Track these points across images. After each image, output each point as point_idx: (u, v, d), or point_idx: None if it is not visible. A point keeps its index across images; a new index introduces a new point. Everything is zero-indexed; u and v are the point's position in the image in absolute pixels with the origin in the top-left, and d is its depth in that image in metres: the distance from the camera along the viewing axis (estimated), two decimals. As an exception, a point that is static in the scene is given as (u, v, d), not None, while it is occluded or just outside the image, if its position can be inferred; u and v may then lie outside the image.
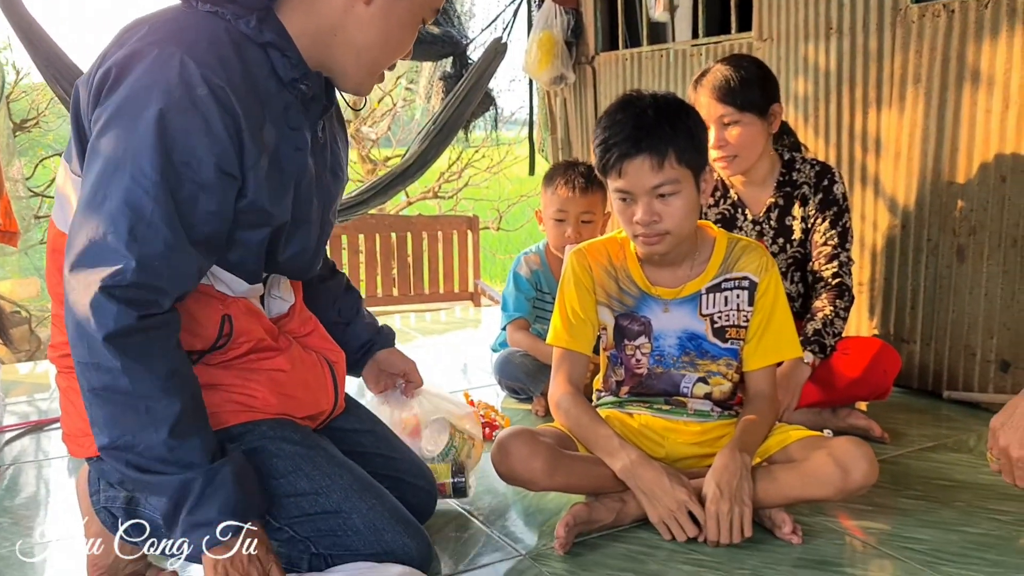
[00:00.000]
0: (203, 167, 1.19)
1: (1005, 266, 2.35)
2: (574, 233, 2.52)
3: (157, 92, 1.16)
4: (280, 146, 1.29)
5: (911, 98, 2.53)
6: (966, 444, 2.15)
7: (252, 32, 1.26)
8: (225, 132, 1.20)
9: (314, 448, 1.40)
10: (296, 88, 1.30)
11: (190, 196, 1.20)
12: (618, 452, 1.65)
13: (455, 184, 8.89)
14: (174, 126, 1.17)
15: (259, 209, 1.29)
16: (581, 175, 2.54)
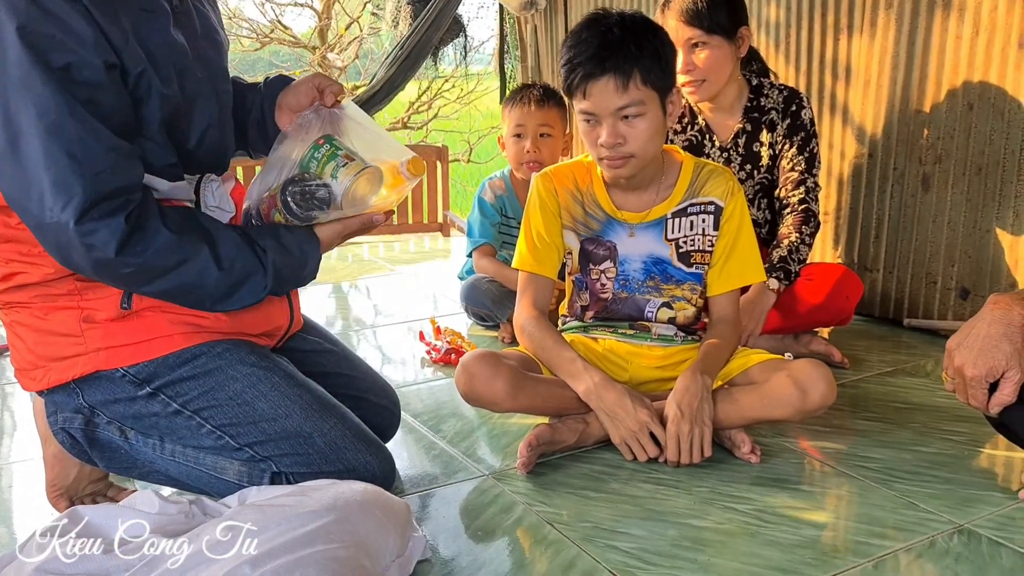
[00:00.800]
0: (84, 65, 1.17)
1: (968, 194, 2.37)
2: (532, 146, 2.52)
3: (3, 14, 1.13)
4: (141, 29, 1.25)
5: (882, 24, 2.50)
6: (923, 369, 2.19)
7: None
8: (87, 25, 1.16)
9: (272, 369, 1.39)
10: None
11: (89, 96, 1.18)
12: (581, 374, 1.66)
13: (424, 115, 8.75)
14: (38, 36, 1.14)
15: (145, 90, 1.26)
16: (537, 91, 2.56)
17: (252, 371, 1.36)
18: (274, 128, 1.50)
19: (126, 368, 1.31)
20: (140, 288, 1.28)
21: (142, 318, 1.32)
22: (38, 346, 1.33)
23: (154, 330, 1.32)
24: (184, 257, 1.25)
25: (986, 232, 2.34)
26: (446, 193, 5.37)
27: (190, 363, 1.34)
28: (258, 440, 1.34)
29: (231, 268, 1.29)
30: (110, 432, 1.36)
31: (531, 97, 2.54)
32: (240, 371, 1.35)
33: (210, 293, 1.30)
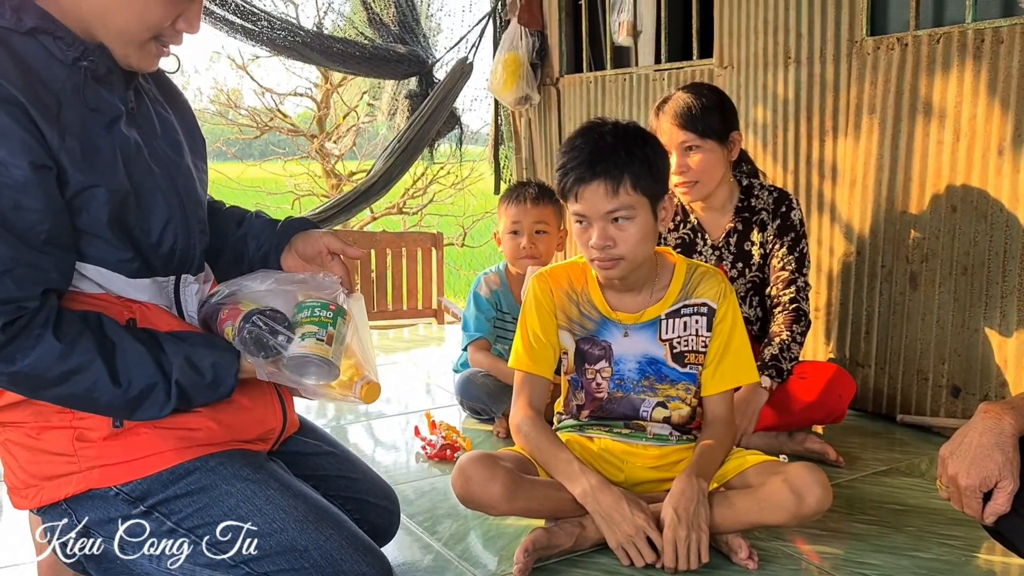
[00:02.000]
0: (10, 168, 1.15)
1: (956, 293, 2.41)
2: (528, 243, 2.56)
3: None
4: (86, 125, 1.24)
5: (866, 128, 2.59)
6: (918, 468, 2.19)
7: (11, 23, 1.21)
8: (16, 124, 1.15)
9: (267, 482, 1.36)
10: (80, 67, 1.25)
11: (12, 202, 1.15)
12: (578, 476, 1.66)
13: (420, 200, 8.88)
14: None
15: (87, 188, 1.24)
16: (532, 189, 2.62)
17: (246, 486, 1.34)
18: (276, 266, 1.50)
19: (119, 486, 1.30)
20: (31, 395, 1.25)
21: (135, 435, 1.31)
22: (31, 465, 1.31)
23: (147, 447, 1.31)
24: (71, 368, 1.21)
25: (974, 331, 2.38)
26: (440, 280, 5.42)
27: (184, 479, 1.32)
28: (254, 556, 1.31)
29: (128, 384, 1.24)
30: (108, 544, 1.35)
31: (527, 195, 2.59)
32: (235, 486, 1.33)
33: (105, 406, 1.26)
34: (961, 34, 2.33)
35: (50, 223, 1.20)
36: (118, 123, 1.29)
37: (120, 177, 1.27)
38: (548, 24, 4.02)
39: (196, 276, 1.43)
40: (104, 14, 1.25)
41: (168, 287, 1.39)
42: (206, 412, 1.36)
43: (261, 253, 1.51)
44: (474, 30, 4.35)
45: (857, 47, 2.60)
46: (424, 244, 5.43)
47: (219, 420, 1.37)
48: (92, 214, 1.25)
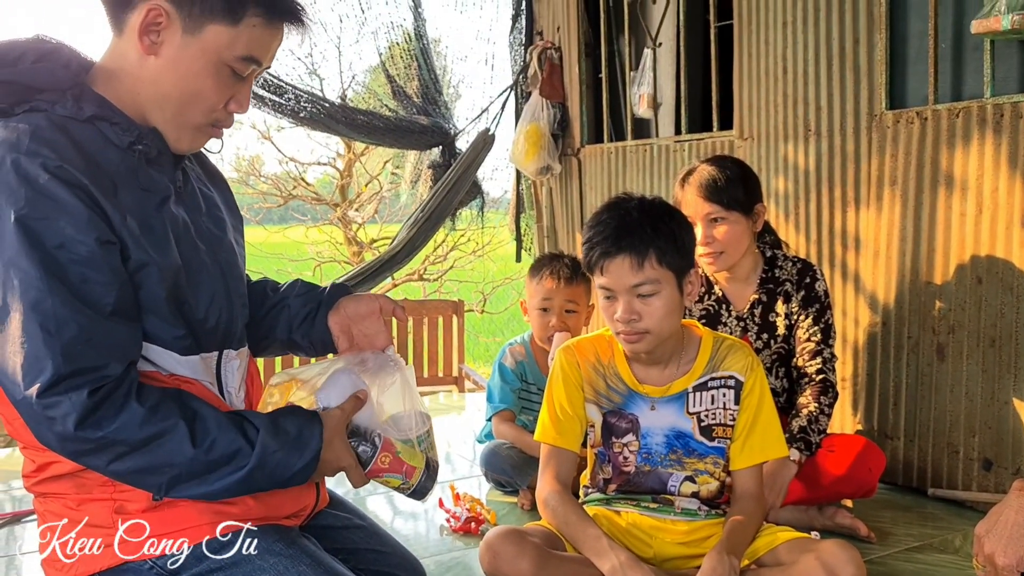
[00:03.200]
0: (77, 244, 1.18)
1: (984, 365, 2.39)
2: (558, 322, 2.56)
3: (3, 200, 1.17)
4: (141, 205, 1.28)
5: (888, 199, 2.61)
6: (952, 544, 2.15)
7: (71, 112, 1.26)
8: (81, 204, 1.19)
9: (299, 557, 1.35)
10: (135, 151, 1.30)
11: (79, 276, 1.19)
12: (607, 553, 1.64)
13: (440, 266, 8.95)
14: (33, 220, 1.17)
15: (145, 265, 1.27)
16: (566, 266, 2.61)
17: (279, 560, 1.33)
18: (323, 325, 1.52)
19: (154, 560, 1.30)
20: (108, 466, 1.23)
21: (172, 508, 1.31)
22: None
23: (183, 520, 1.31)
24: (155, 432, 1.21)
25: (1004, 404, 2.35)
26: (461, 347, 5.42)
27: (217, 554, 1.32)
28: None
29: (210, 446, 1.24)
30: None
31: (560, 274, 2.58)
32: (267, 561, 1.33)
33: (181, 471, 1.24)
34: (980, 108, 2.36)
35: (116, 295, 1.22)
36: (168, 202, 1.33)
37: (173, 255, 1.31)
38: (569, 96, 4.11)
39: (237, 351, 1.46)
40: (162, 101, 1.31)
41: (211, 363, 1.41)
42: None
43: (307, 310, 1.54)
44: (496, 102, 4.45)
45: (877, 120, 2.63)
46: (445, 312, 5.45)
47: (257, 496, 1.38)
48: (150, 291, 1.28)
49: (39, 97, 1.25)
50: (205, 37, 1.27)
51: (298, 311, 1.54)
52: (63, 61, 1.29)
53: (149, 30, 1.26)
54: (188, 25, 1.27)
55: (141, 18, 1.26)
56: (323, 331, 1.52)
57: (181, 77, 1.29)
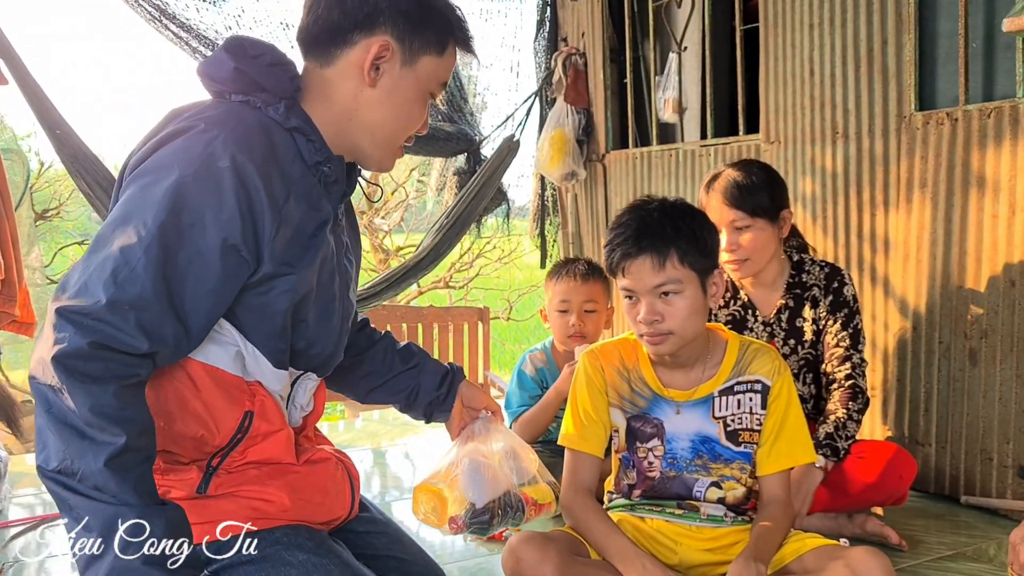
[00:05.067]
0: (207, 234, 1.23)
1: (1018, 370, 2.34)
2: (578, 321, 2.54)
3: (181, 160, 1.23)
4: (303, 222, 1.34)
5: (918, 201, 2.57)
6: (986, 553, 2.10)
7: (280, 118, 1.34)
8: (236, 203, 1.24)
9: (328, 555, 1.38)
10: (319, 171, 1.37)
11: (187, 261, 1.22)
12: (632, 559, 1.62)
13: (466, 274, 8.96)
14: (187, 191, 1.22)
15: (282, 274, 1.32)
16: (583, 265, 2.60)
17: (308, 557, 1.35)
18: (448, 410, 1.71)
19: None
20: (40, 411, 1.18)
21: (214, 501, 1.34)
22: None
23: (220, 513, 1.33)
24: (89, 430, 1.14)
25: (1040, 409, 2.30)
26: (487, 353, 5.42)
27: (248, 548, 1.34)
28: None
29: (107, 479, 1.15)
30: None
31: (576, 272, 2.58)
32: (296, 557, 1.35)
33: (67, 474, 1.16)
34: (1012, 108, 2.32)
35: (201, 301, 1.25)
36: (326, 227, 1.39)
37: (312, 274, 1.37)
38: (594, 102, 4.10)
39: (320, 378, 1.53)
40: (376, 125, 1.41)
41: (292, 378, 1.46)
42: (286, 490, 1.40)
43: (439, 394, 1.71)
44: (521, 108, 4.45)
45: (906, 122, 2.60)
46: (470, 319, 5.45)
47: (294, 499, 1.41)
48: (275, 296, 1.33)
49: (258, 95, 1.34)
50: (419, 68, 1.40)
51: (430, 391, 1.71)
52: (290, 74, 1.38)
53: (374, 64, 1.37)
54: (406, 58, 1.39)
55: (369, 54, 1.36)
56: (446, 415, 1.72)
57: (398, 105, 1.41)
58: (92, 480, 1.14)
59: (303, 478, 1.43)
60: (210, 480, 1.35)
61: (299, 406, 1.50)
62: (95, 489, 1.14)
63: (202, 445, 1.35)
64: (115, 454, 1.14)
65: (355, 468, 1.60)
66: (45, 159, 7.45)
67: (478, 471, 1.68)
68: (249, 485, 1.37)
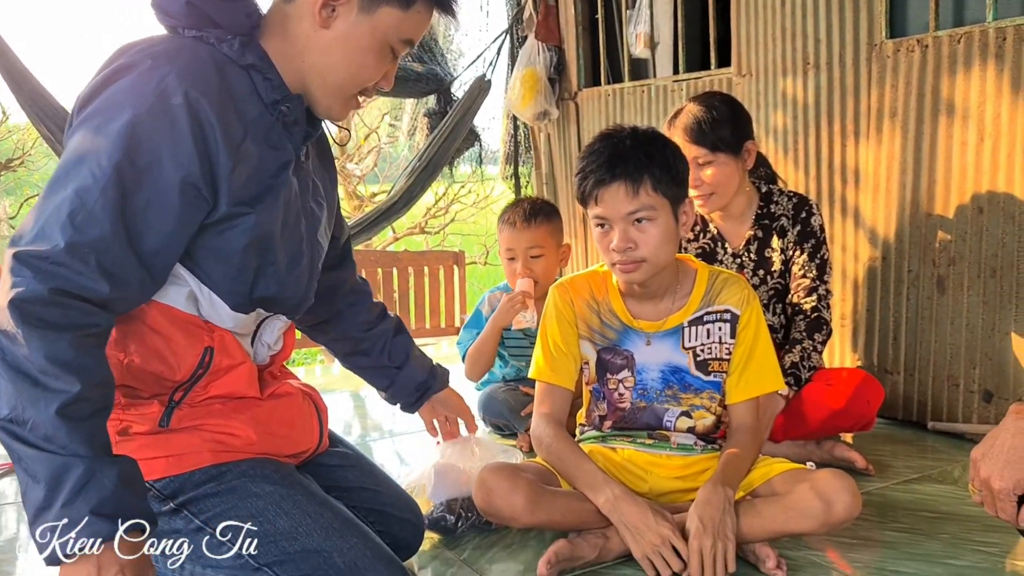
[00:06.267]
0: (165, 173, 1.20)
1: (985, 296, 2.37)
2: (523, 269, 2.48)
3: (133, 98, 1.20)
4: (263, 161, 1.32)
5: (888, 131, 2.56)
6: (951, 475, 2.14)
7: (235, 55, 1.31)
8: (192, 141, 1.21)
9: (295, 486, 1.38)
10: (276, 110, 1.34)
11: (145, 201, 1.20)
12: (601, 487, 1.64)
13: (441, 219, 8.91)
14: (142, 130, 1.19)
15: (240, 214, 1.29)
16: (523, 210, 2.50)
17: (275, 489, 1.36)
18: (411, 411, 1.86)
19: (152, 482, 1.32)
20: None
21: (176, 435, 1.34)
22: None
23: (184, 446, 1.34)
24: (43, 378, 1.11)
25: (1005, 335, 2.33)
26: (463, 298, 5.41)
27: (215, 480, 1.34)
28: (277, 559, 1.32)
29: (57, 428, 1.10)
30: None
31: (517, 218, 2.49)
32: (263, 488, 1.35)
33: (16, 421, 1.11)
34: (982, 33, 2.30)
35: (161, 241, 1.23)
36: (288, 168, 1.37)
37: (273, 216, 1.34)
38: (565, 39, 4.03)
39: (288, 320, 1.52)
40: (326, 69, 1.37)
41: (258, 319, 1.45)
42: (251, 423, 1.40)
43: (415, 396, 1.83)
44: (491, 47, 4.37)
45: (876, 50, 2.57)
46: (446, 262, 5.43)
47: (260, 433, 1.41)
48: (232, 237, 1.31)
49: (211, 30, 1.31)
50: (377, 18, 1.35)
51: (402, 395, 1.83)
52: (247, 9, 1.34)
53: (327, 4, 1.33)
54: (364, 4, 1.34)
55: None
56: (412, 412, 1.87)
57: (350, 51, 1.36)
58: (43, 429, 1.10)
59: (268, 411, 1.43)
60: (172, 413, 1.34)
61: (266, 344, 1.48)
62: (45, 439, 1.10)
63: (162, 380, 1.34)
64: (68, 403, 1.11)
65: (323, 402, 1.60)
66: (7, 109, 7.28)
67: (441, 473, 1.85)
68: (213, 419, 1.37)
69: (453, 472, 1.86)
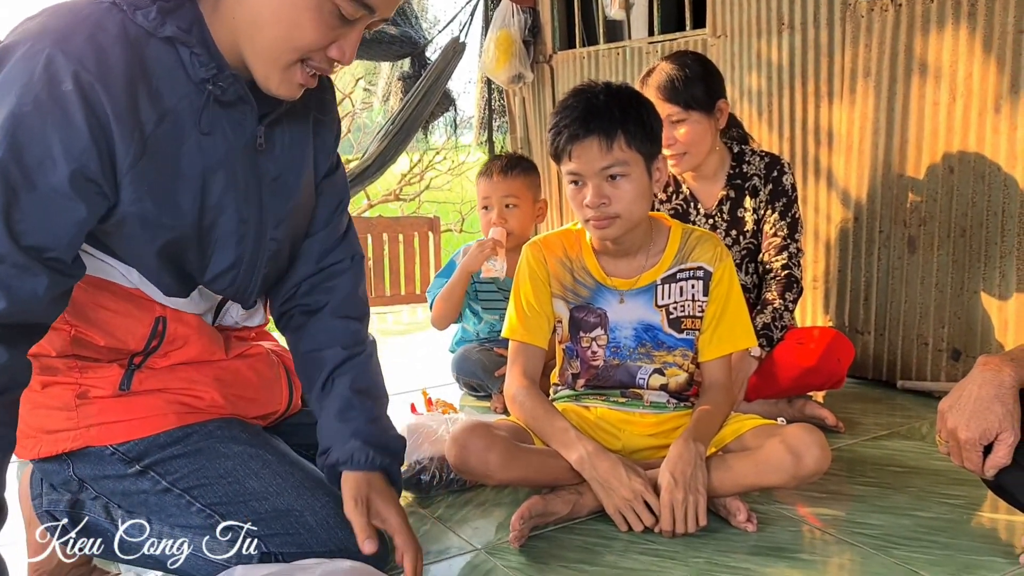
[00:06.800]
0: (57, 168, 1.06)
1: (954, 256, 2.39)
2: (498, 217, 2.51)
3: (17, 88, 1.05)
4: (181, 149, 1.16)
5: (861, 91, 2.56)
6: (919, 431, 2.17)
7: (152, 26, 1.12)
8: (88, 131, 1.07)
9: (263, 446, 1.37)
10: (206, 88, 1.17)
11: (35, 203, 1.06)
12: (574, 444, 1.64)
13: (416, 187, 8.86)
14: (28, 123, 1.05)
15: (142, 216, 1.17)
16: (501, 162, 2.56)
17: (243, 449, 1.34)
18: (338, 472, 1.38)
19: (116, 446, 1.30)
20: None
21: (138, 398, 1.31)
22: (32, 416, 1.30)
23: (148, 409, 1.31)
24: None
25: (974, 293, 2.35)
26: (438, 264, 5.40)
27: (181, 442, 1.32)
28: (248, 520, 1.31)
29: None
30: (96, 514, 1.34)
31: (494, 168, 2.53)
32: (231, 449, 1.33)
33: None
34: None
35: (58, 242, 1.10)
36: (230, 155, 1.22)
37: (185, 212, 1.21)
38: (540, 0, 3.98)
39: None
40: (254, 26, 1.16)
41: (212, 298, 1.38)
42: (216, 385, 1.37)
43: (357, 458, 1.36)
44: (465, 9, 4.32)
45: (851, 10, 2.57)
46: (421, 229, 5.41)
47: (225, 395, 1.38)
48: (136, 240, 1.20)
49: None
50: None
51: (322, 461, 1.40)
52: None
53: None
54: None
55: None
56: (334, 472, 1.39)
57: (281, 5, 1.13)
58: None
59: (234, 373, 1.41)
60: (132, 376, 1.31)
61: (232, 318, 1.45)
62: None
63: (115, 350, 1.31)
64: None
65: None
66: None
67: (415, 433, 1.81)
68: (176, 381, 1.35)
69: (426, 431, 1.86)
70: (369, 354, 1.45)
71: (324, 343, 1.42)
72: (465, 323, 2.69)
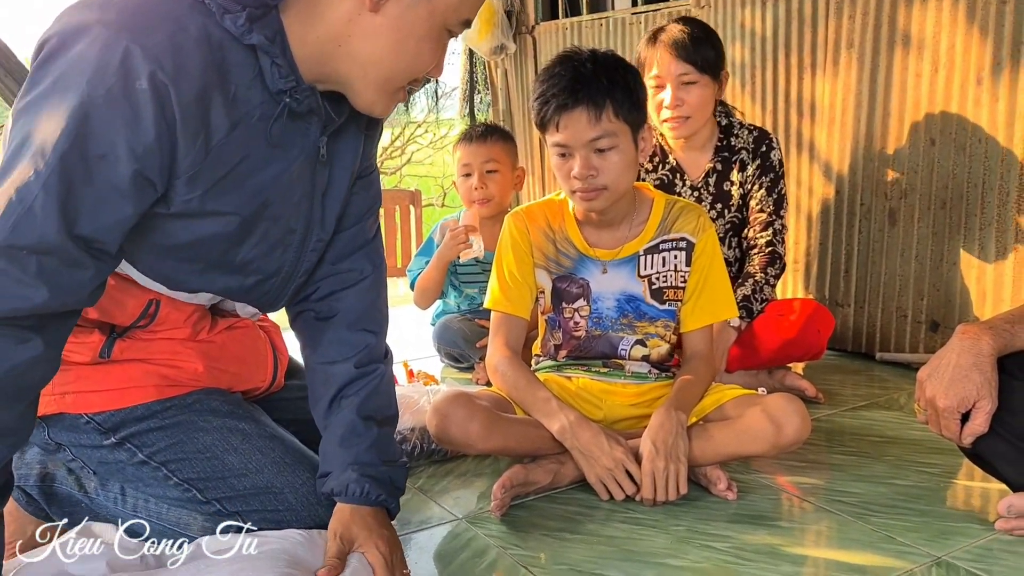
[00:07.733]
0: (120, 166, 1.03)
1: (934, 228, 2.40)
2: (479, 183, 2.50)
3: (88, 75, 1.00)
4: (246, 157, 1.14)
5: (844, 63, 2.55)
6: (897, 402, 2.19)
7: (238, 32, 1.09)
8: (154, 131, 1.03)
9: (244, 419, 1.34)
10: (282, 101, 1.14)
11: (95, 197, 1.03)
12: (556, 413, 1.64)
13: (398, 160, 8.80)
14: (97, 116, 1.00)
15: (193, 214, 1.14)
16: (481, 127, 2.58)
17: (223, 422, 1.32)
18: None
19: (91, 415, 1.28)
20: None
21: (119, 367, 1.29)
22: None
23: (127, 379, 1.29)
24: None
25: (953, 265, 2.37)
26: (419, 238, 5.36)
27: (158, 415, 1.30)
28: (227, 495, 1.29)
29: None
30: (68, 486, 1.33)
31: (474, 134, 2.54)
32: (211, 423, 1.31)
33: None
34: (940, -37, 2.29)
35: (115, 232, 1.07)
36: (285, 168, 1.19)
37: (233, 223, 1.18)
38: (522, -30, 3.94)
39: None
40: (371, 60, 1.15)
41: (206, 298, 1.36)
42: (199, 357, 1.35)
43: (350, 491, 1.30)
44: (447, -22, 4.26)
45: (835, -19, 2.55)
46: (402, 202, 5.36)
47: (207, 366, 1.35)
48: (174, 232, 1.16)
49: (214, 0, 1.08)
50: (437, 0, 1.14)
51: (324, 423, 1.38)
52: None
53: None
54: None
55: None
56: None
57: (401, 41, 1.13)
58: None
59: (218, 347, 1.39)
60: (114, 344, 1.29)
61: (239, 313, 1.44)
62: None
63: (101, 323, 1.29)
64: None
65: (282, 342, 1.56)
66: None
67: None
68: (160, 351, 1.32)
69: (407, 402, 1.85)
70: (381, 373, 1.41)
71: (335, 356, 1.38)
72: (446, 297, 2.68)
